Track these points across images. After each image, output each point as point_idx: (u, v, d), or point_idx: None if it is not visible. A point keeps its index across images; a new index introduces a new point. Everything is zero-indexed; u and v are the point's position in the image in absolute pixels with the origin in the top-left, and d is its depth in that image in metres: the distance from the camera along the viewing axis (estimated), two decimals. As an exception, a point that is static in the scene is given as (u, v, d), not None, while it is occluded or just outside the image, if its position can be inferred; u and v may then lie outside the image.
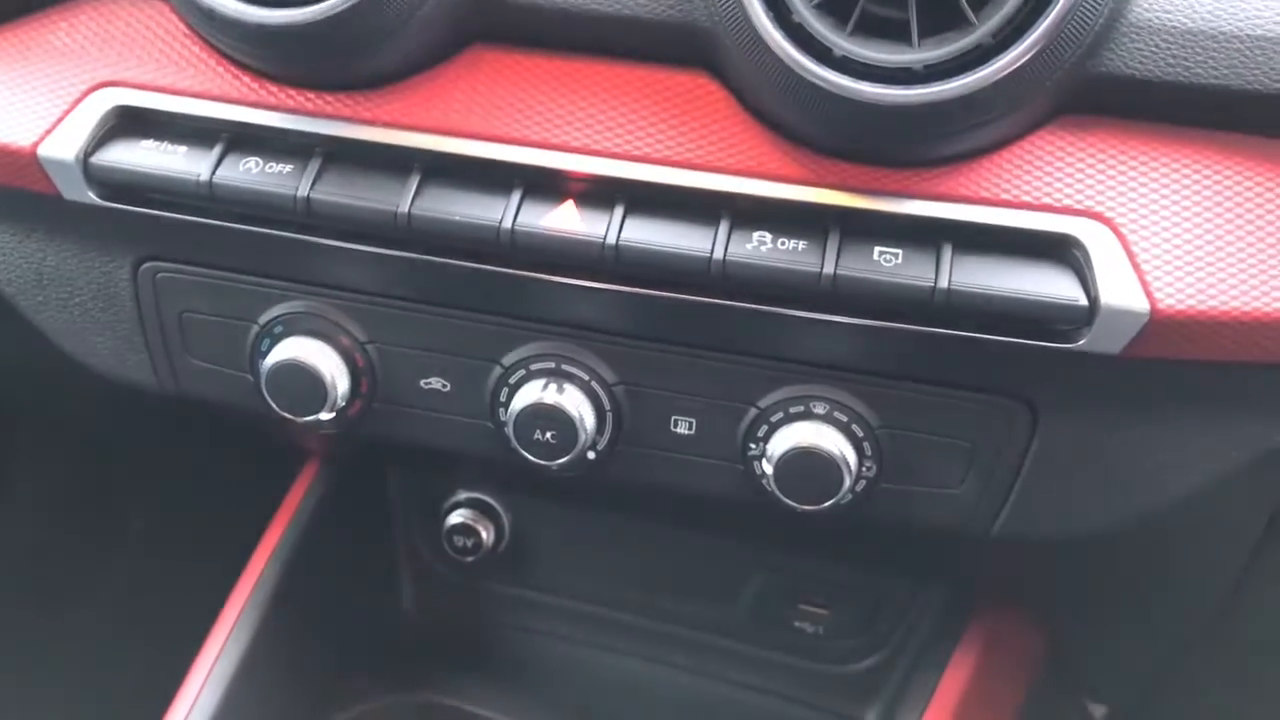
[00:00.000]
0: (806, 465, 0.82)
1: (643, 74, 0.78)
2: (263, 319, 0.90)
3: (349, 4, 0.72)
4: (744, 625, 1.30)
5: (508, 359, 0.87)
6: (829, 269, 0.74)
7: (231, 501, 1.44)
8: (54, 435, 1.78)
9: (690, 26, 0.74)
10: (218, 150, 0.81)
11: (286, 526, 1.21)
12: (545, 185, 0.78)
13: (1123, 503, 0.85)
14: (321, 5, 0.72)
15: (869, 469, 0.84)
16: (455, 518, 1.31)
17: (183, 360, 0.94)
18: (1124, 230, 0.72)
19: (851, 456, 0.82)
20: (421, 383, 0.90)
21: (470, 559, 1.31)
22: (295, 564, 1.20)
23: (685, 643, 1.33)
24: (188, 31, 0.83)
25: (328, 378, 0.88)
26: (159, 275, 0.91)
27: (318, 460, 1.28)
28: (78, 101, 0.83)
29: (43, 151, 0.83)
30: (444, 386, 0.90)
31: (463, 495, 1.32)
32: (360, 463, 1.29)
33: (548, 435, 0.86)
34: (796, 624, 1.27)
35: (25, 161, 0.84)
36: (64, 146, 0.83)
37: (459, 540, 1.31)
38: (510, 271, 0.81)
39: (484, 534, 1.31)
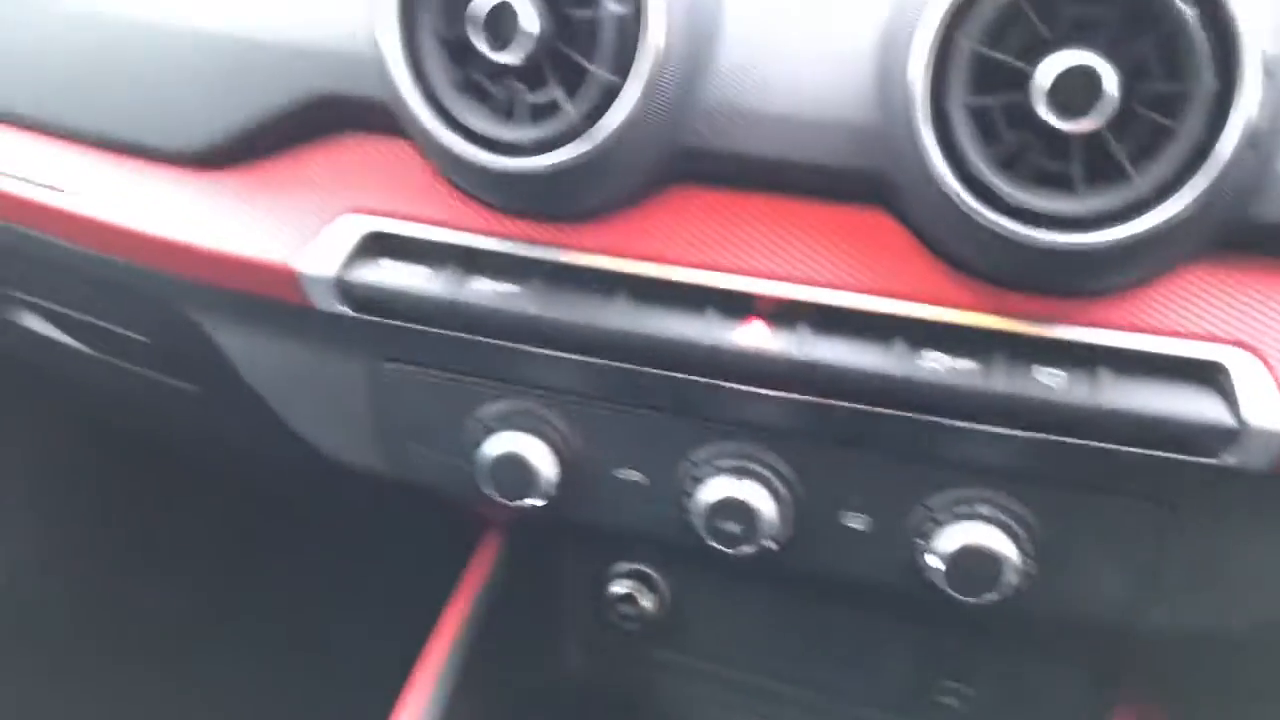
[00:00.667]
0: (972, 562, 0.90)
1: (828, 210, 0.88)
2: (481, 414, 1.02)
3: (578, 158, 0.83)
4: (889, 698, 1.36)
5: (696, 455, 0.98)
6: (997, 388, 0.82)
7: (409, 564, 1.56)
8: (237, 498, 1.94)
9: (874, 173, 0.84)
10: (454, 271, 0.93)
11: (474, 595, 1.33)
12: (739, 306, 0.88)
13: (1265, 605, 0.91)
14: (554, 159, 0.83)
15: (1029, 566, 0.91)
16: (619, 587, 1.41)
17: (408, 448, 1.06)
18: (1270, 358, 0.79)
19: (1014, 555, 0.90)
20: (617, 473, 1.01)
21: (633, 626, 1.41)
22: (480, 630, 1.32)
23: (833, 714, 1.40)
24: (426, 167, 0.95)
25: (537, 467, 0.99)
26: (391, 374, 1.03)
27: (497, 532, 1.39)
28: (332, 226, 0.96)
29: (301, 269, 0.96)
30: (637, 478, 1.01)
31: (624, 566, 1.43)
32: (535, 535, 1.40)
33: (732, 526, 0.95)
34: (941, 700, 1.33)
35: (285, 277, 0.96)
36: (320, 265, 0.95)
37: (622, 609, 1.41)
38: (704, 380, 0.91)
39: (646, 603, 1.41)
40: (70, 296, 1.26)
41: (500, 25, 0.81)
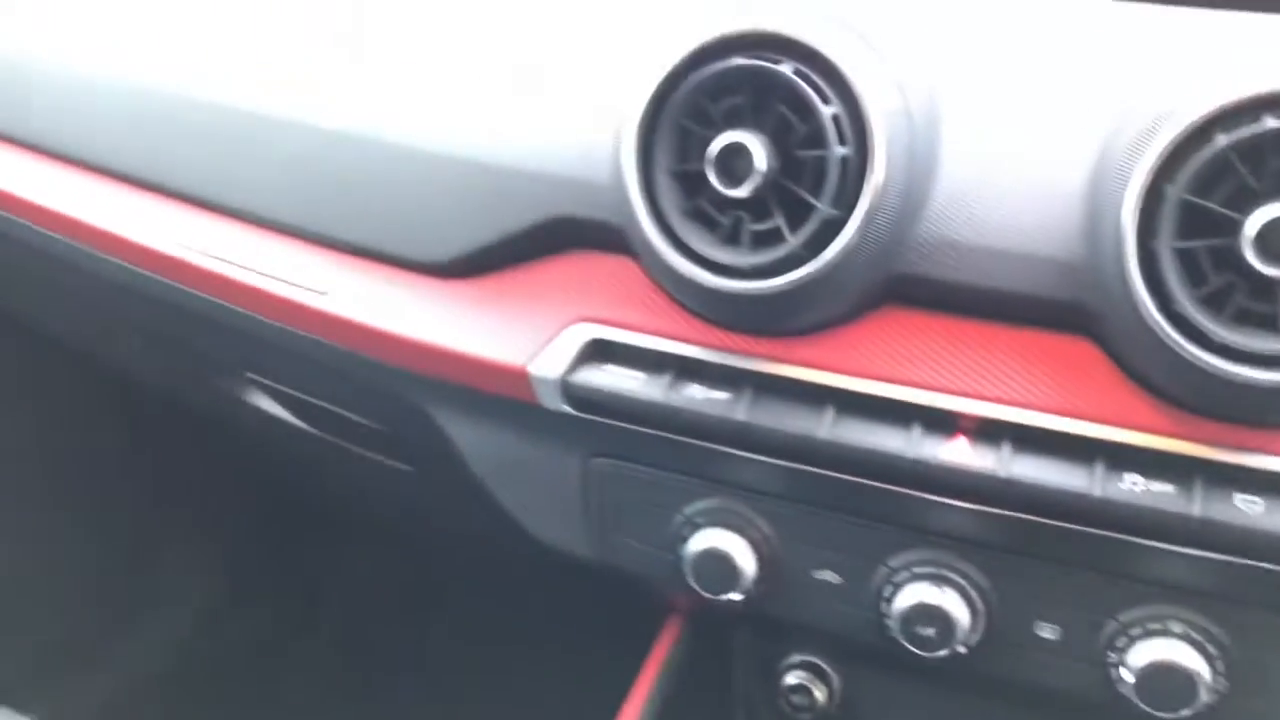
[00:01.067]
0: (1164, 679, 0.92)
1: (1032, 336, 0.92)
2: (687, 510, 1.09)
3: (798, 283, 0.89)
4: None
5: (893, 561, 1.02)
6: (1196, 512, 0.85)
7: (589, 644, 1.63)
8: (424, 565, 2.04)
9: (1078, 304, 0.88)
10: (670, 378, 1.00)
11: (655, 679, 1.39)
12: (942, 423, 0.93)
13: None
14: (776, 284, 0.90)
15: (1222, 685, 0.94)
16: (791, 678, 1.45)
17: (616, 539, 1.14)
18: None
19: (1206, 673, 0.92)
20: (815, 574, 1.07)
21: (805, 717, 1.44)
22: (659, 713, 1.37)
23: None
24: (647, 282, 1.03)
25: (740, 565, 1.05)
26: (604, 468, 1.11)
27: (679, 616, 1.45)
28: (561, 334, 1.05)
29: (532, 370, 1.04)
30: (834, 579, 1.06)
31: (797, 657, 1.47)
32: (715, 621, 1.46)
33: (928, 631, 1.00)
34: None
35: (517, 378, 1.05)
36: (548, 368, 1.04)
37: (795, 699, 1.45)
38: (906, 491, 0.97)
39: (818, 695, 1.45)
40: (303, 381, 1.39)
41: (733, 163, 0.90)
